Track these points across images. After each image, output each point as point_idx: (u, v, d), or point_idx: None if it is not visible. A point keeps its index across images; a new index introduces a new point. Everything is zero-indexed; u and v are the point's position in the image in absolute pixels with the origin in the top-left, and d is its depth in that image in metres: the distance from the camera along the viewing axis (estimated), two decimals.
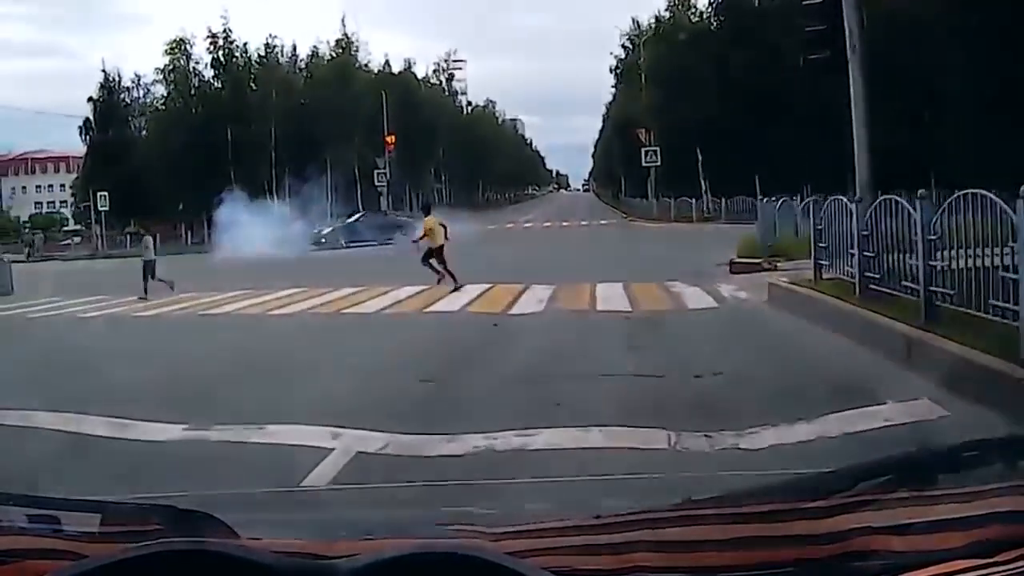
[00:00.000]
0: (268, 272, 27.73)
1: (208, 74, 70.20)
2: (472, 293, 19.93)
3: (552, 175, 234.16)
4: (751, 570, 1.35)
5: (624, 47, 76.07)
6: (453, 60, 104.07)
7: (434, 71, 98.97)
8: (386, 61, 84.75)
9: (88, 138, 73.86)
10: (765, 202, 28.80)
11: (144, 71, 74.74)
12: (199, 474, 6.73)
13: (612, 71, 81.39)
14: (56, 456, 7.21)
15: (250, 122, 66.70)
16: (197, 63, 70.07)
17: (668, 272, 21.14)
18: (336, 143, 67.67)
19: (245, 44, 70.90)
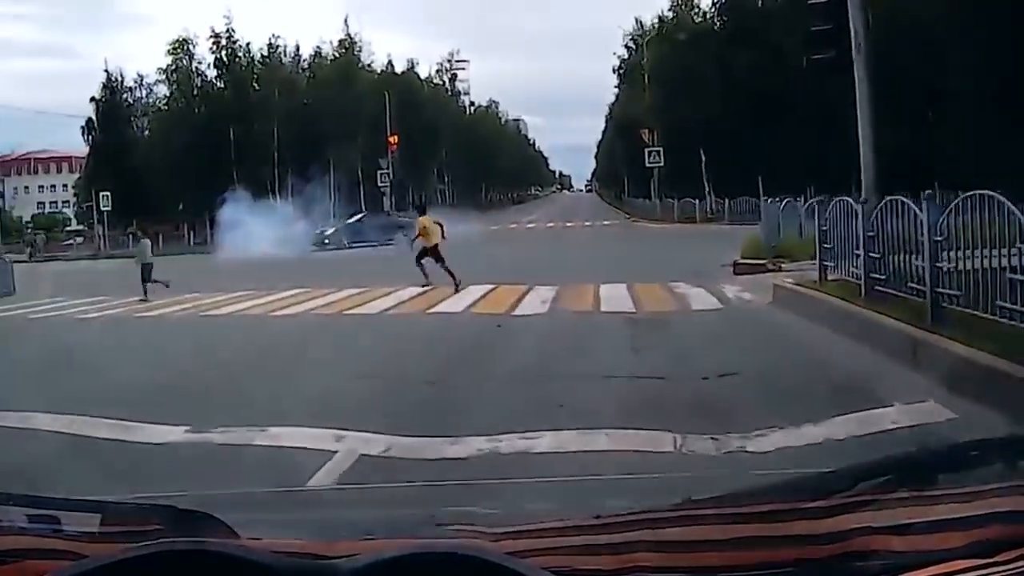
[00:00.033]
0: (270, 272, 27.74)
1: (211, 74, 70.28)
2: (475, 294, 19.89)
3: (555, 176, 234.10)
4: (751, 570, 1.35)
5: (627, 47, 76.14)
6: (456, 60, 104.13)
7: (437, 71, 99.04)
8: (389, 61, 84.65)
9: (91, 138, 73.86)
10: (769, 203, 28.80)
11: (147, 71, 74.47)
12: (201, 477, 6.69)
13: (615, 71, 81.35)
14: (56, 459, 7.16)
15: (253, 122, 66.69)
16: (200, 63, 70.19)
17: (672, 273, 21.10)
18: (339, 143, 67.64)
19: (248, 44, 70.99)
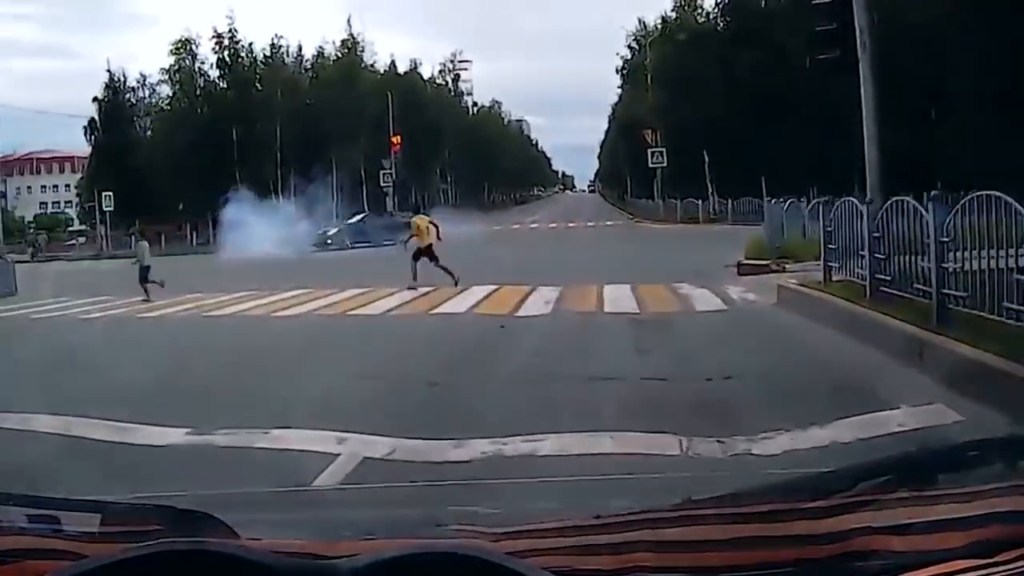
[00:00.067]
0: (273, 273, 27.73)
1: (214, 74, 70.30)
2: (479, 294, 19.85)
3: (558, 176, 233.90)
4: (751, 570, 1.35)
5: (630, 48, 76.16)
6: (459, 60, 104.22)
7: (440, 71, 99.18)
8: (392, 61, 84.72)
9: (93, 138, 73.88)
10: (773, 203, 28.74)
11: (149, 71, 74.60)
12: (201, 480, 6.63)
13: (618, 71, 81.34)
14: (56, 461, 7.09)
15: (255, 122, 66.67)
16: (203, 63, 70.22)
17: (675, 274, 21.05)
18: (342, 143, 67.63)
19: (251, 44, 71.00)
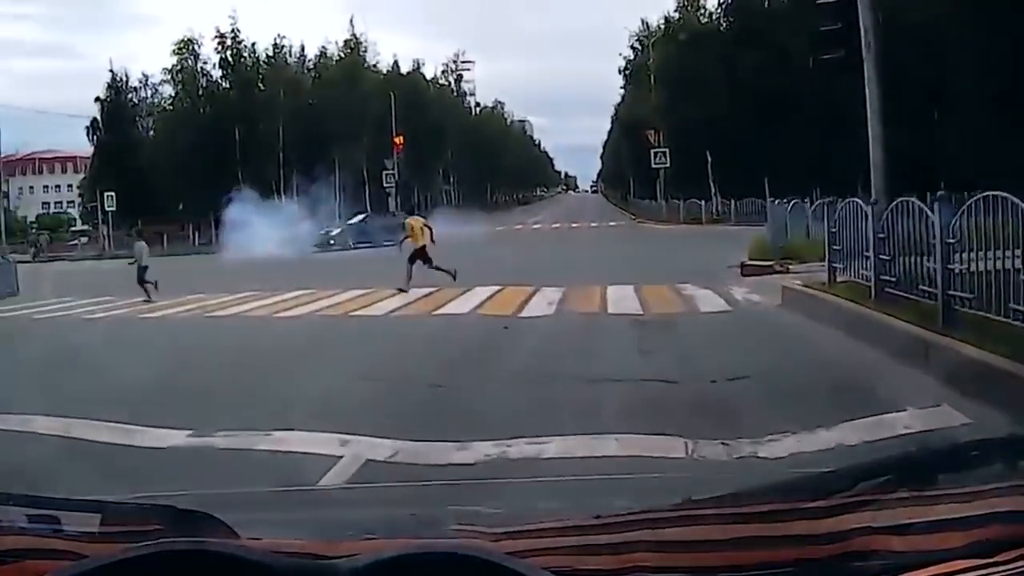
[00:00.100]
0: (275, 273, 27.72)
1: (216, 74, 70.44)
2: (482, 295, 19.81)
3: (560, 176, 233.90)
4: (751, 570, 1.35)
5: (633, 48, 76.12)
6: (462, 61, 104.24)
7: (442, 72, 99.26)
8: (395, 62, 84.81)
9: (95, 138, 73.93)
10: (776, 204, 28.69)
11: (152, 71, 74.81)
12: (202, 483, 6.58)
13: (621, 72, 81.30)
14: (57, 464, 7.03)
15: (258, 122, 66.69)
16: (205, 63, 70.36)
17: (679, 274, 21.01)
18: (344, 144, 67.60)
19: (253, 44, 71.06)
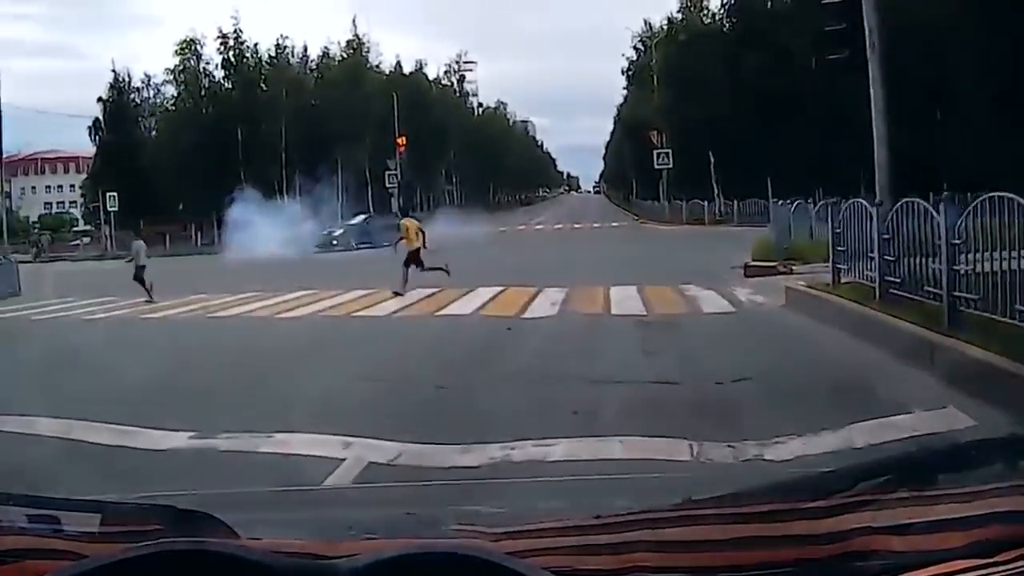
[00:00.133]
0: (278, 273, 27.68)
1: (219, 74, 70.31)
2: (485, 296, 19.76)
3: (563, 177, 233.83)
4: (751, 570, 1.35)
5: (636, 49, 76.05)
6: (464, 61, 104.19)
7: (445, 72, 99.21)
8: (397, 62, 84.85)
9: (97, 138, 73.91)
10: (780, 205, 28.68)
11: (154, 71, 74.61)
12: (203, 485, 6.52)
13: (623, 73, 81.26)
14: (57, 465, 6.97)
15: (260, 123, 66.63)
16: (207, 63, 70.22)
17: (682, 275, 20.98)
18: (347, 144, 67.52)
19: (256, 45, 70.95)
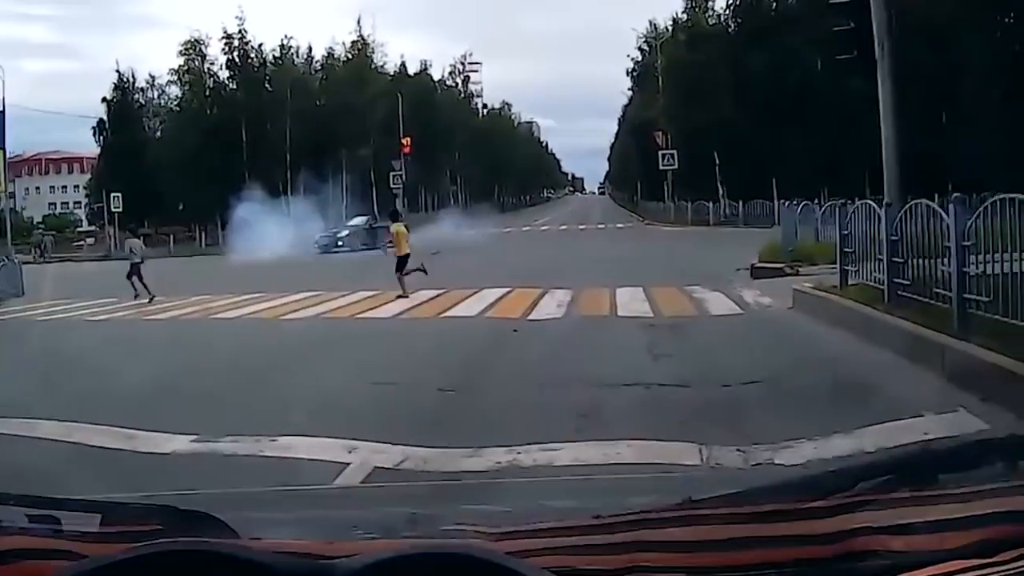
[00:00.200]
0: (282, 275, 27.62)
1: (223, 75, 70.26)
2: (490, 298, 19.69)
3: (568, 178, 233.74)
4: (751, 570, 1.35)
5: (641, 49, 76.17)
6: (469, 62, 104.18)
7: (450, 73, 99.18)
8: (402, 63, 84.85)
9: (102, 139, 73.97)
10: (787, 206, 28.64)
11: (159, 72, 74.62)
12: (206, 488, 6.43)
13: (628, 73, 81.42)
14: (57, 469, 6.88)
15: (265, 123, 66.69)
16: (212, 64, 70.21)
17: (688, 276, 20.95)
18: (352, 145, 67.56)
19: (260, 45, 70.92)
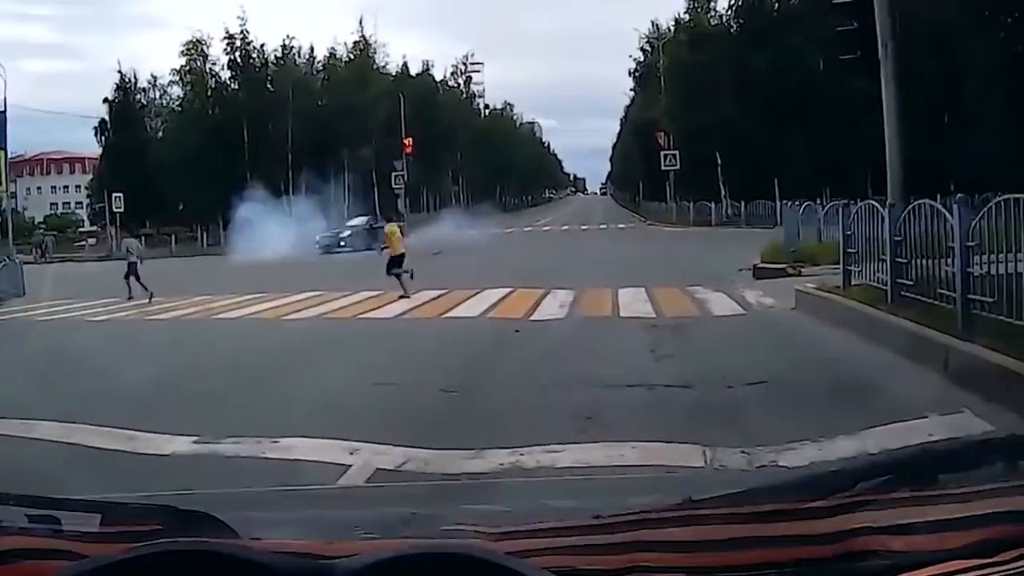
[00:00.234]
0: (283, 275, 27.60)
1: (225, 75, 70.36)
2: (492, 298, 19.66)
3: (570, 178, 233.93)
4: (751, 570, 1.35)
5: (643, 50, 76.16)
6: (471, 62, 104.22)
7: (451, 73, 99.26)
8: (404, 63, 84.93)
9: (103, 139, 74.00)
10: (789, 206, 28.61)
11: (160, 72, 74.65)
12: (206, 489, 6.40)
13: (631, 74, 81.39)
14: (57, 470, 6.84)
15: (267, 123, 66.72)
16: (214, 64, 70.28)
17: (690, 277, 20.94)
18: (353, 145, 67.59)
19: (262, 45, 71.02)
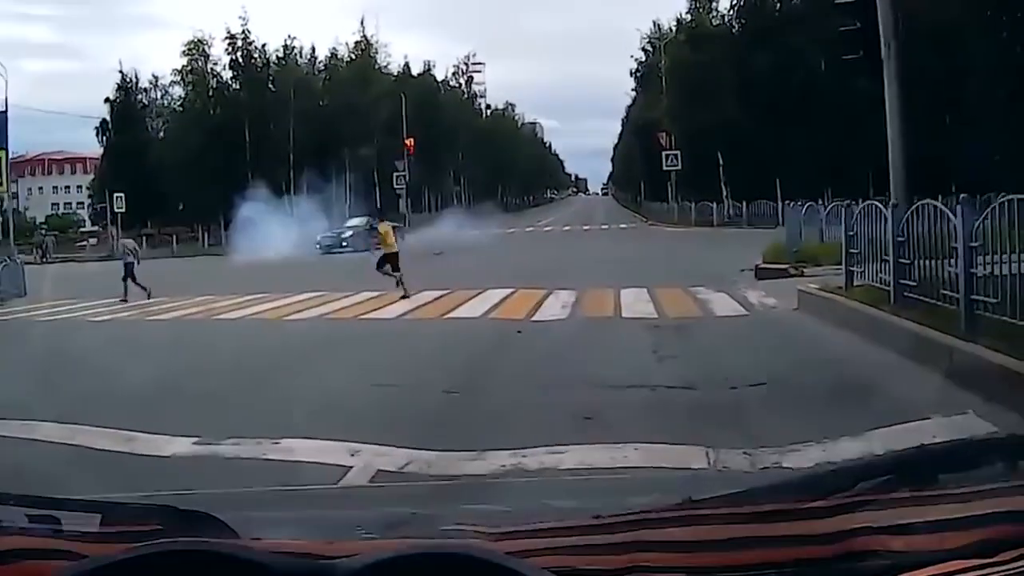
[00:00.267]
0: (285, 275, 27.57)
1: (226, 75, 70.45)
2: (494, 299, 19.65)
3: (571, 178, 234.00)
4: (751, 570, 1.35)
5: (644, 50, 76.17)
6: (472, 63, 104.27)
7: (453, 74, 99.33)
8: (405, 63, 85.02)
9: (105, 139, 74.02)
10: (791, 207, 28.60)
11: (162, 72, 74.75)
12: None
13: (632, 74, 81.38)
14: (58, 472, 6.82)
15: (268, 124, 66.76)
16: (215, 64, 70.39)
17: (692, 277, 20.93)
18: (355, 145, 67.63)
19: (264, 45, 71.21)
